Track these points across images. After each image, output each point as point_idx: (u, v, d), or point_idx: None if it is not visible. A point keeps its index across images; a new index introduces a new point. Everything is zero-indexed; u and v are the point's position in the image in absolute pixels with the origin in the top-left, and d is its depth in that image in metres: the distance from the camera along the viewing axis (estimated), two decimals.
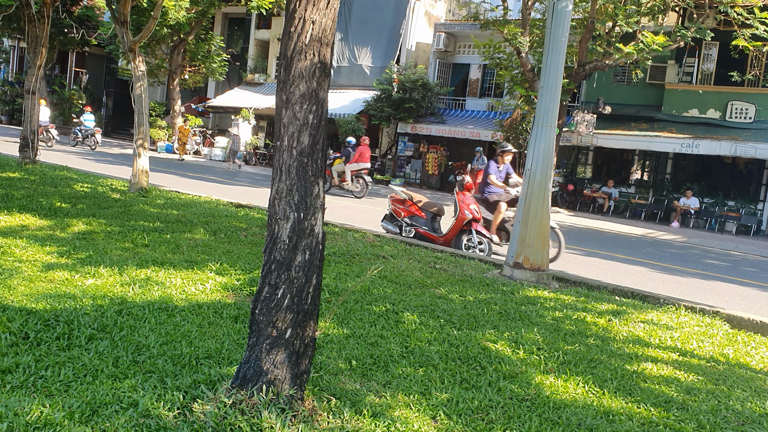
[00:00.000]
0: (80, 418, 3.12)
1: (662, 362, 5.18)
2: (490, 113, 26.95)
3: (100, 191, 12.07)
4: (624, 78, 24.60)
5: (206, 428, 3.09)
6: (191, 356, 4.06)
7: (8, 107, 37.58)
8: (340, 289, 6.19)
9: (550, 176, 8.05)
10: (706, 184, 23.43)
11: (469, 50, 28.17)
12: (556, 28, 7.89)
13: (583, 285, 8.18)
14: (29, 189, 11.03)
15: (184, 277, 6.09)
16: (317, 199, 3.43)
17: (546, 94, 7.96)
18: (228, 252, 7.65)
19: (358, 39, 29.79)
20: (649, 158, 24.87)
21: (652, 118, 23.40)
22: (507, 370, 4.54)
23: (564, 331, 5.73)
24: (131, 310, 4.88)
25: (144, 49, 25.89)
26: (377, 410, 3.61)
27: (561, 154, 23.88)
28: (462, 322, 5.66)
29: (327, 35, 3.38)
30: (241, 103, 30.96)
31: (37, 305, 4.71)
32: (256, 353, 3.37)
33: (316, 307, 3.49)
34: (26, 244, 6.89)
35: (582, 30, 20.22)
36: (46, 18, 14.67)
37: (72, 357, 3.88)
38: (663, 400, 4.30)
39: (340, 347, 4.61)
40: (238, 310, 5.22)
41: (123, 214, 9.57)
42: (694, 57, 23.14)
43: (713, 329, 6.52)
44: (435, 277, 7.50)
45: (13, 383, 3.45)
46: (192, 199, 12.54)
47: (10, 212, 8.62)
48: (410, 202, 11.00)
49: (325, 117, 3.44)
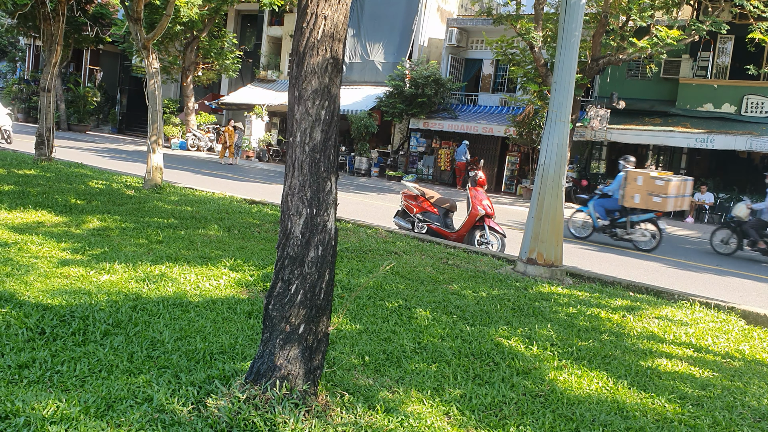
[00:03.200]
0: (96, 412, 3.14)
1: (677, 358, 5.15)
2: (502, 108, 26.84)
3: (115, 188, 12.15)
4: (638, 72, 24.40)
5: (220, 423, 3.11)
6: (205, 352, 4.08)
7: (24, 105, 37.86)
8: (352, 285, 6.20)
9: (564, 171, 8.01)
10: (720, 179, 23.21)
11: (481, 45, 28.05)
12: (569, 23, 7.85)
13: (596, 281, 8.14)
14: (45, 186, 11.12)
15: (198, 273, 6.12)
16: (329, 195, 3.43)
17: (559, 88, 7.92)
18: (242, 248, 7.68)
19: (370, 35, 29.75)
20: (663, 153, 24.67)
21: (667, 113, 23.20)
22: (520, 366, 4.52)
23: (578, 327, 5.71)
24: (146, 305, 4.91)
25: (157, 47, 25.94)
26: (390, 405, 3.62)
27: (574, 149, 23.75)
28: (475, 318, 5.65)
29: (339, 31, 3.38)
30: (254, 99, 31.04)
31: (53, 301, 4.75)
32: (270, 348, 3.38)
33: (328, 302, 3.50)
34: (42, 240, 6.95)
35: (595, 24, 20.06)
36: (61, 16, 14.76)
37: (87, 352, 3.91)
38: (678, 397, 4.28)
39: (353, 343, 4.62)
40: (251, 306, 5.24)
41: (137, 211, 9.62)
42: (709, 51, 22.92)
43: (728, 325, 6.46)
44: (448, 273, 7.49)
45: (29, 378, 3.49)
46: (206, 195, 12.60)
47: (26, 209, 8.70)
48: (422, 198, 10.98)
49: (337, 113, 3.44)
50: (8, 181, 11.29)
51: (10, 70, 44.18)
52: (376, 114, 27.89)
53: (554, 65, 8.10)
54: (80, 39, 34.08)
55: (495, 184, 26.51)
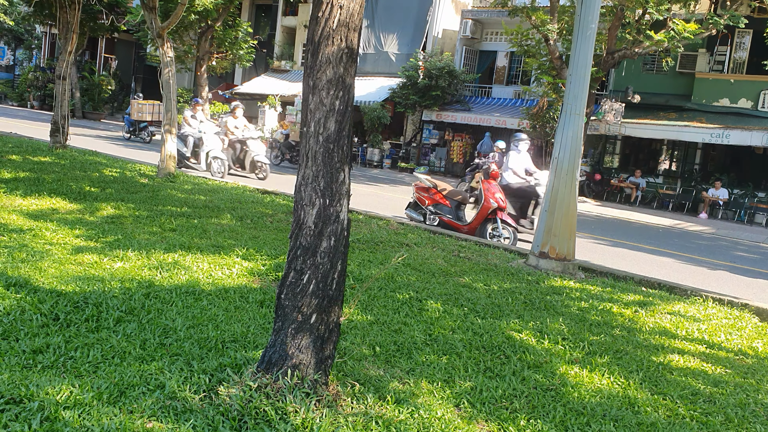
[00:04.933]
0: (108, 398, 3.17)
1: (689, 354, 5.12)
2: (516, 101, 26.71)
3: (129, 176, 12.21)
4: (653, 66, 24.18)
5: (232, 411, 3.13)
6: (217, 340, 4.10)
7: (40, 93, 38.10)
8: (364, 276, 6.20)
9: (578, 165, 7.96)
10: (735, 175, 23.00)
11: (495, 37, 27.90)
12: (585, 15, 7.78)
13: (609, 275, 8.10)
14: (59, 173, 11.19)
15: (210, 262, 6.14)
16: (343, 186, 3.43)
17: (574, 81, 7.86)
18: (254, 237, 7.70)
19: (384, 26, 29.66)
20: (677, 148, 24.48)
21: (682, 108, 23.00)
22: (531, 359, 4.52)
23: (589, 322, 5.69)
24: (159, 293, 4.94)
25: (172, 35, 25.96)
26: (401, 396, 3.62)
27: (588, 143, 23.58)
28: (486, 311, 5.64)
29: (354, 20, 3.37)
30: (267, 90, 31.04)
31: (67, 287, 4.79)
32: (282, 338, 3.39)
33: (340, 292, 3.50)
34: (56, 227, 7.00)
35: (611, 17, 19.90)
36: (77, 4, 14.81)
37: (101, 339, 3.94)
38: (690, 393, 4.25)
39: (364, 333, 4.63)
40: (263, 295, 5.26)
41: (151, 199, 9.67)
42: (726, 45, 22.67)
43: (742, 322, 6.42)
44: (459, 265, 7.47)
45: (43, 363, 3.52)
46: (219, 184, 12.64)
47: (41, 196, 8.76)
48: (434, 190, 10.96)
49: (351, 103, 3.43)
50: (24, 168, 11.37)
51: (27, 57, 44.52)
52: (389, 105, 27.83)
53: (569, 58, 8.04)
54: (95, 27, 34.19)
55: None
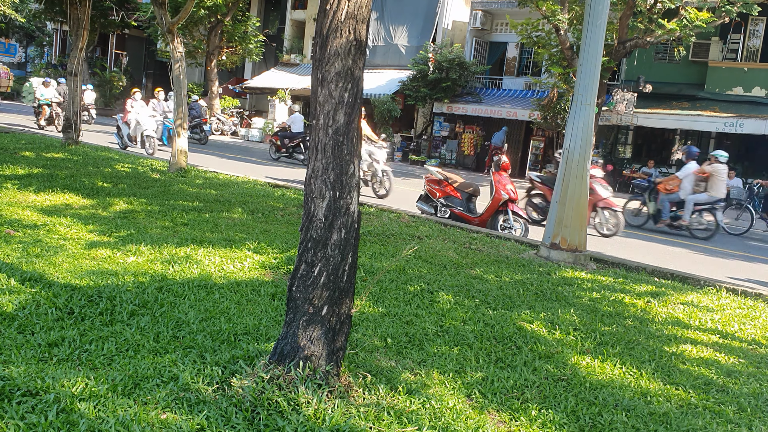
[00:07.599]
0: (123, 390, 3.20)
1: (702, 344, 5.10)
2: (527, 92, 26.57)
3: (141, 171, 12.28)
4: (665, 55, 23.96)
5: (244, 402, 3.15)
6: (230, 332, 4.13)
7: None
8: (375, 268, 6.22)
9: (589, 156, 7.93)
10: (749, 164, 22.78)
11: (506, 28, 27.73)
12: (596, 5, 7.72)
13: (621, 266, 8.07)
14: (72, 169, 11.28)
15: (222, 256, 6.18)
16: (353, 178, 3.43)
17: (585, 71, 7.82)
18: (265, 231, 7.74)
19: (393, 18, 29.56)
20: (690, 138, 24.26)
21: (695, 97, 22.79)
22: (543, 350, 4.52)
23: (601, 312, 5.67)
24: (171, 287, 4.98)
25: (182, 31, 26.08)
26: (412, 387, 3.64)
27: (600, 133, 23.44)
28: (497, 302, 5.64)
29: (363, 12, 3.37)
30: (277, 83, 31.07)
31: (81, 281, 4.83)
32: (293, 330, 3.41)
33: (351, 285, 3.52)
34: (70, 222, 7.06)
35: (622, 6, 19.71)
36: (87, 1, 14.89)
37: (114, 332, 3.98)
38: (702, 383, 4.24)
39: (375, 325, 4.64)
40: (275, 288, 5.28)
41: (163, 194, 9.73)
42: (739, 33, 22.42)
43: (755, 312, 6.38)
44: (470, 257, 7.47)
45: (59, 356, 3.56)
46: (230, 179, 12.68)
47: (54, 191, 8.84)
48: (446, 183, 10.94)
49: (360, 95, 3.44)
50: (37, 164, 11.47)
51: (38, 54, 44.76)
52: (399, 98, 27.76)
53: (580, 48, 7.99)
54: (106, 23, 34.39)
55: (519, 168, 26.31)
